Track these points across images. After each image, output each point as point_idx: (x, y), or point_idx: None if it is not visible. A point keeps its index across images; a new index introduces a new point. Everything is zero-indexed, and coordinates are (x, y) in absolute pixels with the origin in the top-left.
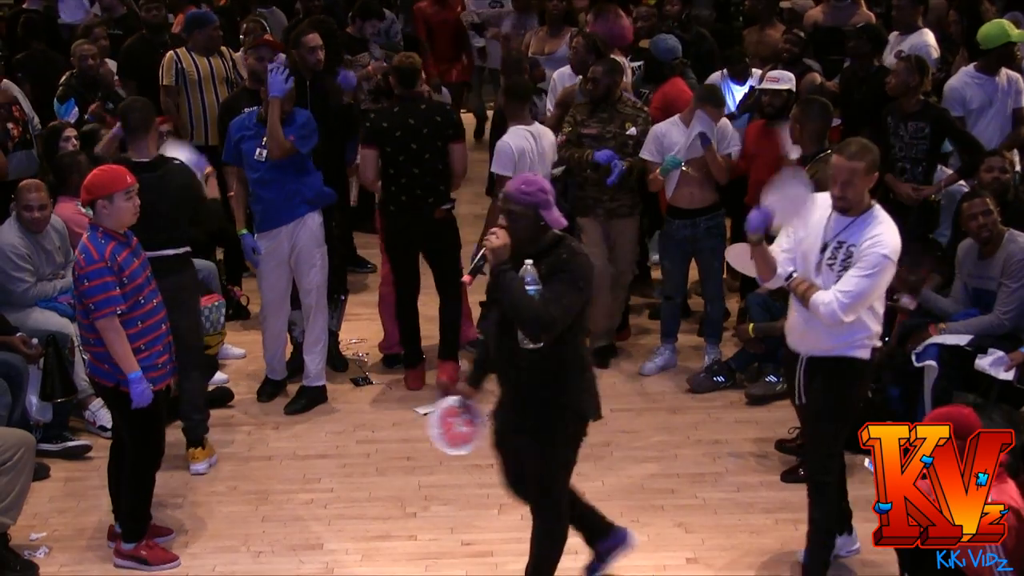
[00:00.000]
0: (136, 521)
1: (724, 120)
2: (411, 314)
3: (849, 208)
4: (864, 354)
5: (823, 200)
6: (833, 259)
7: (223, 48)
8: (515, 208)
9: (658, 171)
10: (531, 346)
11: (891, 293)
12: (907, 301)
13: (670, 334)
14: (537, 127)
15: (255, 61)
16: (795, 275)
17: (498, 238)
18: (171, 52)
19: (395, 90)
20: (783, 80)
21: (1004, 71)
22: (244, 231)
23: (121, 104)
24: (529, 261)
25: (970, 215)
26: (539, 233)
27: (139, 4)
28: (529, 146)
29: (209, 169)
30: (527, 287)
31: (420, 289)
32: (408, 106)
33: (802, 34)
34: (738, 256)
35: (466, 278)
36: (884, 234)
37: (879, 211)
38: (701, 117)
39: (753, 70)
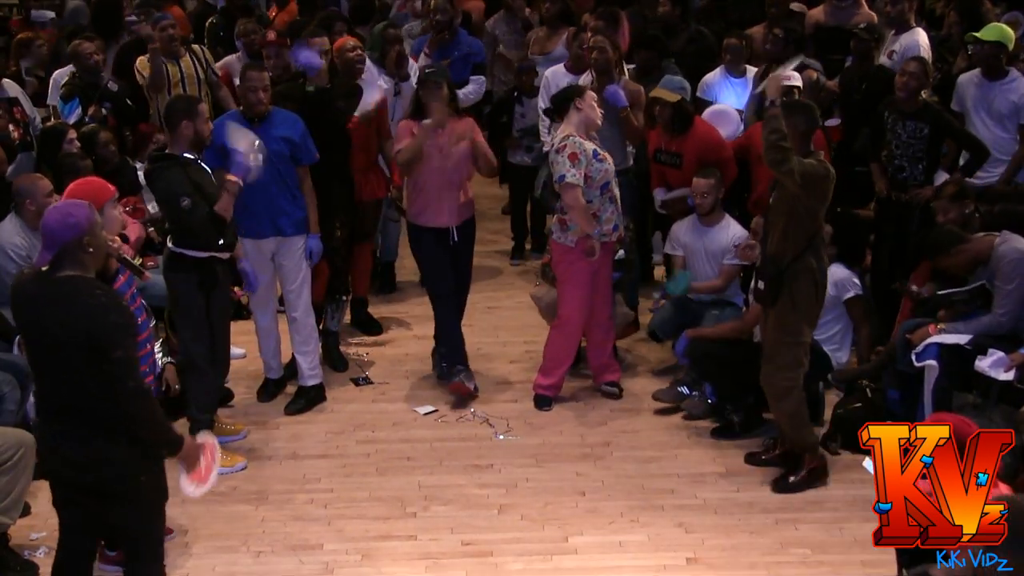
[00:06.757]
0: None
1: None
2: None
3: None
4: None
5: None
6: None
7: (196, 48)
8: None
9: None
10: None
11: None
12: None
13: None
14: None
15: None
16: None
17: None
18: (141, 58)
19: None
20: (795, 77)
21: (1012, 81)
22: None
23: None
24: None
25: None
26: None
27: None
28: None
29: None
30: None
31: None
32: None
33: (781, 33)
34: None
35: None
36: None
37: None
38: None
39: (748, 67)
